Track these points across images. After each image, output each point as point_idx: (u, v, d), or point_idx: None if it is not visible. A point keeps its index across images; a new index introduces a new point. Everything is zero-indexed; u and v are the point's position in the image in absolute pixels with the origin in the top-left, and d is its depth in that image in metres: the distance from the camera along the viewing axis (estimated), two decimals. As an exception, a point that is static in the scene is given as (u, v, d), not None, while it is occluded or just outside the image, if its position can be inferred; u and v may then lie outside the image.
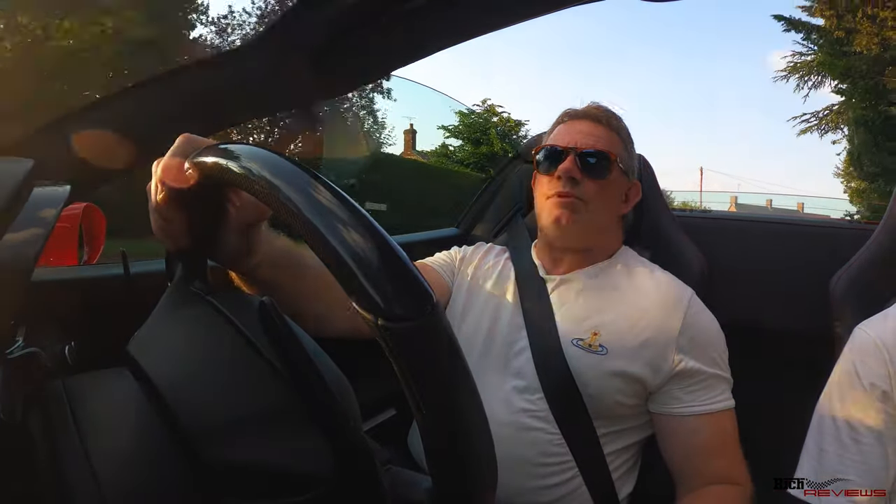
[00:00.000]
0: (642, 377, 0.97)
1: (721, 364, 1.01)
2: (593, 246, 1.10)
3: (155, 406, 0.43)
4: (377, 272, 0.35)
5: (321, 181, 0.38)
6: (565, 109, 1.14)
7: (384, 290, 0.35)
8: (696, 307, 1.03)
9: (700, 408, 0.97)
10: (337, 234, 0.35)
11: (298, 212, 0.37)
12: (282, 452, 0.42)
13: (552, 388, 0.98)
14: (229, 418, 0.43)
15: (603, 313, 1.02)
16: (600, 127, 1.08)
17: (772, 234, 1.54)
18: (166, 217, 0.57)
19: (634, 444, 1.04)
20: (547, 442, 0.97)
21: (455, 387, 0.38)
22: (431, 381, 0.37)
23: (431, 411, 0.37)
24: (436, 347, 0.36)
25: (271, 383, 0.44)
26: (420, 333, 0.35)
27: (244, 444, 0.42)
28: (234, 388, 0.45)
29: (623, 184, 1.10)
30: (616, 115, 1.12)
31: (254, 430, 0.43)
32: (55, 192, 0.46)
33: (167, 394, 0.43)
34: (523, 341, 1.04)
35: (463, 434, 0.39)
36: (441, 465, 0.40)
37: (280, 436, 0.43)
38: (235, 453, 0.42)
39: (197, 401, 0.43)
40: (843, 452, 0.83)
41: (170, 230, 0.59)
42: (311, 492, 0.42)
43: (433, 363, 0.36)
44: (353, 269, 0.35)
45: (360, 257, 0.35)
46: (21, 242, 0.39)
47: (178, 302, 0.55)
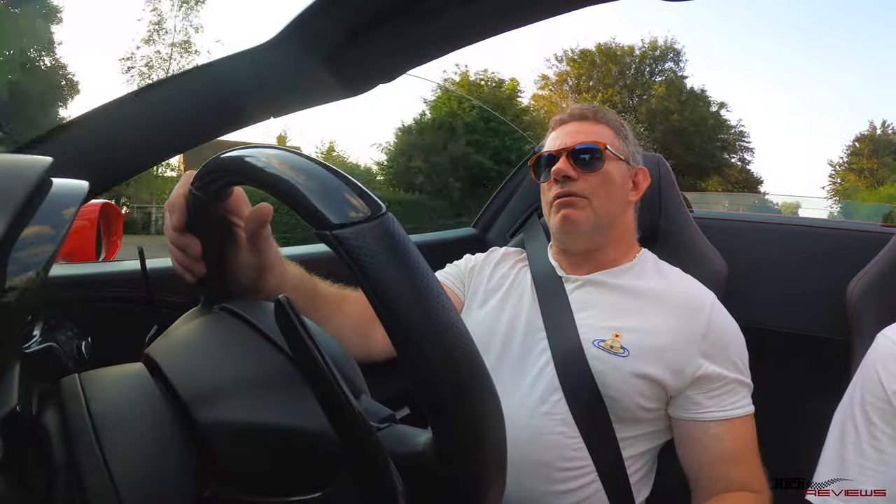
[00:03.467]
0: (663, 380, 0.95)
1: (742, 369, 0.99)
2: (608, 241, 1.09)
3: (169, 401, 0.43)
4: (321, 190, 0.41)
5: (275, 151, 0.46)
6: (553, 118, 1.18)
7: (330, 204, 0.40)
8: (718, 311, 1.02)
9: (721, 413, 0.96)
10: (288, 173, 0.42)
11: (262, 169, 0.44)
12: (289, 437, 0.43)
13: (573, 389, 0.97)
14: (245, 415, 0.43)
15: (625, 315, 1.01)
16: (586, 123, 1.11)
17: (790, 237, 1.52)
18: (181, 244, 0.63)
19: (652, 448, 1.02)
20: (566, 446, 0.96)
21: (416, 286, 0.38)
22: (390, 282, 0.37)
23: (399, 318, 0.37)
24: (388, 247, 0.38)
25: (291, 382, 0.45)
26: (369, 235, 0.38)
27: (257, 440, 0.43)
28: (250, 384, 0.45)
29: (623, 171, 1.09)
30: (603, 109, 1.14)
31: (269, 429, 0.43)
32: (73, 190, 0.46)
33: (181, 389, 0.43)
34: (542, 343, 1.03)
35: (437, 342, 0.38)
36: (425, 389, 0.39)
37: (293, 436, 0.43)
38: (245, 451, 0.42)
39: (211, 395, 0.44)
40: (864, 461, 0.81)
41: (186, 261, 0.64)
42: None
43: (389, 263, 0.38)
44: (303, 193, 0.40)
45: (307, 185, 0.41)
46: (39, 238, 0.39)
47: (197, 315, 0.56)
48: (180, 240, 0.63)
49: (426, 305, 0.38)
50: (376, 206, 0.40)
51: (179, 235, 0.63)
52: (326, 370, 0.39)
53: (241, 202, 0.67)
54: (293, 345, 0.40)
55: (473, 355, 0.39)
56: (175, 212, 0.62)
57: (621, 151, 1.09)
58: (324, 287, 0.94)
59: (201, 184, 0.55)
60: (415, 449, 0.43)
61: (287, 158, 0.44)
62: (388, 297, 0.37)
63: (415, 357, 0.38)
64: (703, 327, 0.98)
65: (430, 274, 0.39)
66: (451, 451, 0.40)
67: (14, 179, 0.40)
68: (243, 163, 0.47)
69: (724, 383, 0.97)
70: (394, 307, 0.37)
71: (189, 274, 0.65)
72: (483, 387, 0.39)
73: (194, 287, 0.65)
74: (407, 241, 0.39)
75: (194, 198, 0.58)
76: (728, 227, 1.54)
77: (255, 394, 0.44)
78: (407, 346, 0.37)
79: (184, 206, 0.61)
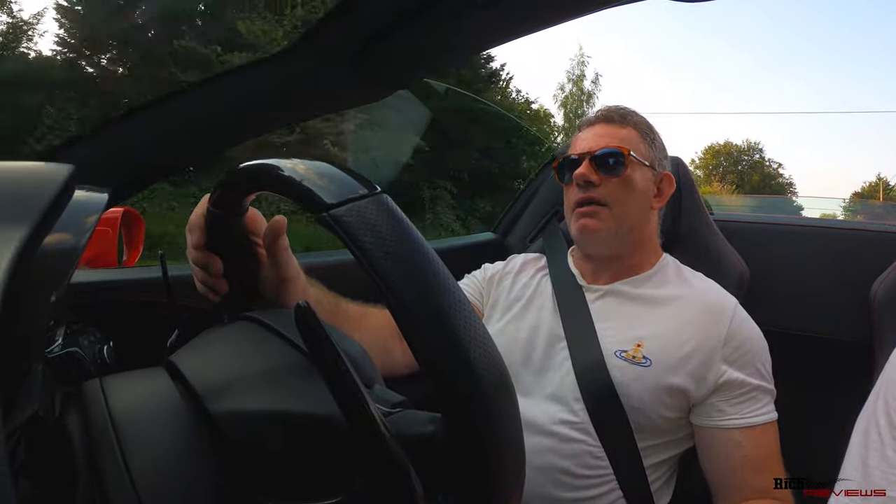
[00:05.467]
0: (686, 389, 0.94)
1: (766, 375, 0.98)
2: (629, 248, 1.07)
3: (190, 404, 0.44)
4: (315, 176, 0.43)
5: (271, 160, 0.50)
6: (580, 119, 1.16)
7: (324, 186, 0.42)
8: (741, 317, 1.00)
9: (744, 420, 0.94)
10: (284, 167, 0.46)
11: (260, 171, 0.50)
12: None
13: (594, 399, 0.96)
14: (258, 403, 0.43)
15: (646, 324, 1.00)
16: (612, 126, 1.08)
17: (811, 239, 1.49)
18: (202, 263, 0.65)
19: (673, 456, 1.01)
20: (587, 454, 0.95)
21: (413, 257, 0.38)
22: (387, 255, 0.38)
23: (397, 289, 0.37)
24: (383, 222, 0.39)
25: (303, 372, 0.45)
26: (364, 211, 0.40)
27: (270, 428, 0.43)
28: (263, 376, 0.45)
29: (647, 177, 1.07)
30: (631, 111, 1.11)
31: (282, 416, 0.43)
32: (95, 197, 0.47)
33: (196, 383, 0.44)
34: (564, 352, 1.02)
35: (437, 311, 0.37)
36: (429, 359, 0.38)
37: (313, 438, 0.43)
38: (259, 439, 0.43)
39: (224, 387, 0.44)
40: (889, 469, 0.79)
41: (209, 279, 0.66)
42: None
43: (385, 236, 0.39)
44: (297, 181, 0.44)
45: (302, 174, 0.44)
46: (61, 245, 0.40)
47: (219, 328, 0.57)
48: (202, 258, 0.65)
49: (425, 276, 0.38)
50: (370, 186, 0.42)
51: (201, 254, 0.65)
52: (337, 357, 0.39)
53: (258, 221, 0.69)
54: (311, 343, 0.41)
55: (473, 320, 0.39)
56: (195, 231, 0.64)
57: (646, 157, 1.07)
58: (345, 303, 0.95)
59: (215, 198, 0.59)
60: (425, 430, 0.43)
61: (280, 161, 0.47)
62: (385, 270, 0.38)
63: (415, 328, 0.38)
64: (725, 333, 0.96)
65: (428, 246, 0.39)
66: (459, 427, 0.39)
67: (37, 187, 0.40)
68: (245, 169, 0.52)
69: (747, 390, 0.95)
70: (392, 279, 0.37)
71: (212, 293, 0.67)
72: (487, 352, 0.39)
73: (219, 306, 0.67)
74: (403, 216, 0.40)
75: (212, 215, 0.61)
76: (749, 230, 1.51)
77: (267, 384, 0.45)
78: (407, 317, 0.37)
79: (203, 225, 0.63)
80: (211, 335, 0.54)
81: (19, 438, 0.34)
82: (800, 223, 1.63)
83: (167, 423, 0.42)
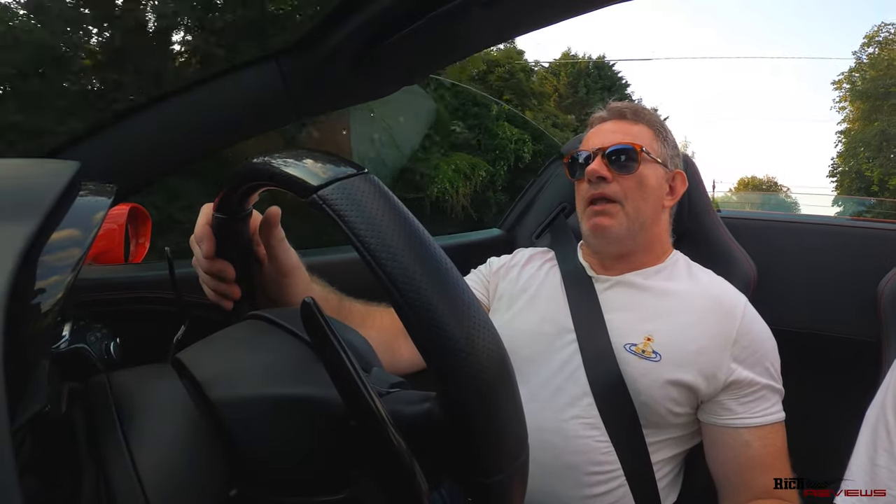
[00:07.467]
0: (695, 385, 0.94)
1: (775, 375, 0.97)
2: (640, 245, 1.07)
3: (197, 401, 0.44)
4: (301, 162, 0.46)
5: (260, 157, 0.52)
6: (592, 115, 1.15)
7: (309, 170, 0.44)
8: (751, 315, 0.99)
9: (753, 420, 0.94)
10: (272, 158, 0.49)
11: (252, 167, 0.52)
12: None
13: (603, 393, 0.96)
14: (266, 402, 0.43)
15: (656, 318, 0.99)
16: (625, 122, 1.07)
17: (818, 236, 1.48)
18: (214, 271, 0.66)
19: (681, 453, 1.00)
20: (595, 449, 0.94)
21: (402, 231, 0.39)
22: (375, 229, 0.38)
23: (386, 263, 0.37)
24: (370, 199, 0.40)
25: (300, 357, 0.46)
26: (351, 189, 0.40)
27: (287, 439, 0.43)
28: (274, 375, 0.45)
29: (660, 174, 1.06)
30: (643, 108, 1.11)
31: (301, 432, 0.43)
32: (102, 193, 0.47)
33: (202, 380, 0.44)
34: (573, 345, 1.01)
35: (430, 281, 0.37)
36: (421, 329, 0.37)
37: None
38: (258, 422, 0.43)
39: (224, 375, 0.44)
40: None
41: (222, 286, 0.67)
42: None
43: (372, 212, 0.39)
44: (283, 170, 0.46)
45: (288, 162, 0.46)
46: (68, 241, 0.40)
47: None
48: (214, 267, 0.66)
49: (415, 248, 0.38)
50: (356, 166, 0.43)
51: (212, 263, 0.66)
52: (334, 338, 0.39)
53: (259, 222, 0.70)
54: (313, 332, 0.41)
55: (465, 290, 0.39)
56: (204, 240, 0.65)
57: (659, 154, 1.06)
58: (349, 301, 0.95)
59: (219, 204, 0.61)
60: (421, 407, 0.42)
61: (269, 155, 0.50)
62: (375, 244, 0.38)
63: (407, 300, 0.37)
64: (735, 331, 0.96)
65: (415, 220, 0.40)
66: (453, 401, 0.39)
67: (44, 184, 0.41)
68: (239, 170, 0.54)
69: (756, 389, 0.95)
70: (381, 253, 0.37)
71: (226, 301, 0.68)
72: (480, 325, 0.38)
73: (231, 313, 0.68)
74: (390, 193, 0.41)
75: (218, 222, 0.62)
76: (756, 227, 1.50)
77: (267, 371, 0.45)
78: (398, 290, 0.37)
79: (211, 234, 0.64)
80: (218, 334, 0.54)
81: (25, 435, 0.34)
82: (807, 221, 1.62)
83: (174, 421, 0.42)
